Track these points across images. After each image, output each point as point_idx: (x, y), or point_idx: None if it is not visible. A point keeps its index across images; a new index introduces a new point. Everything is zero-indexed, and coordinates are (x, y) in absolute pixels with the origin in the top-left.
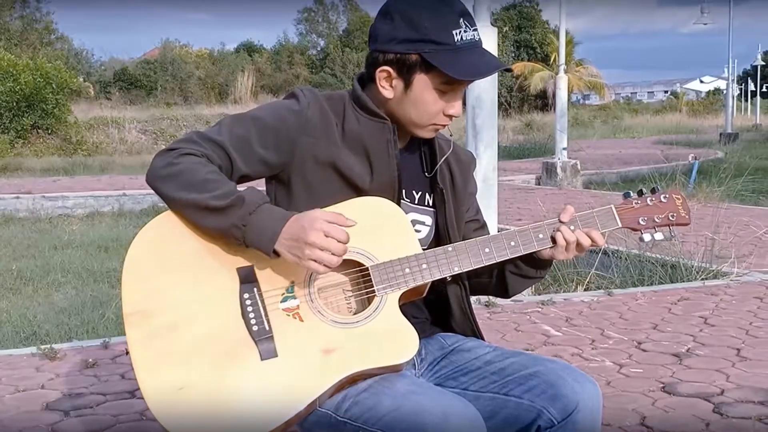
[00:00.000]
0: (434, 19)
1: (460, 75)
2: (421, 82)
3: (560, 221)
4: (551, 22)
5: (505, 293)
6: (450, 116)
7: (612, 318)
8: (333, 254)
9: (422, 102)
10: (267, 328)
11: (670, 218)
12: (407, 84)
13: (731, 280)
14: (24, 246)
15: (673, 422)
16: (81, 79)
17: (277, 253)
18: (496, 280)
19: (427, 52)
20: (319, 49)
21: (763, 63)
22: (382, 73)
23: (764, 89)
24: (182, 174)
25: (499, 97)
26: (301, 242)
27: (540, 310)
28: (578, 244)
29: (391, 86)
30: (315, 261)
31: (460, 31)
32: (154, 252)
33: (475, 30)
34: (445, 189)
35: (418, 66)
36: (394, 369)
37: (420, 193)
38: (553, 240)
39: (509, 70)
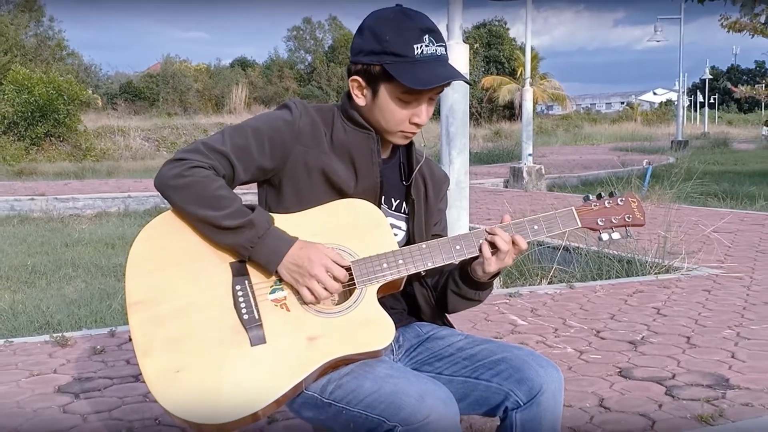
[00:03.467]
0: (396, 34)
1: (413, 84)
2: (385, 91)
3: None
4: (518, 40)
5: (445, 310)
6: (416, 124)
7: (573, 309)
8: (327, 289)
9: (388, 110)
10: (257, 316)
11: (626, 219)
12: (374, 93)
13: (682, 275)
14: (38, 243)
15: (629, 404)
16: (90, 92)
17: (276, 272)
18: (440, 294)
19: (388, 63)
20: (306, 64)
21: (711, 77)
22: (353, 83)
23: (711, 101)
24: (193, 186)
25: (470, 107)
26: (305, 271)
27: (507, 301)
28: (515, 243)
29: (362, 95)
30: (309, 290)
31: (422, 46)
32: (155, 248)
33: (441, 45)
34: (417, 200)
35: (381, 76)
36: (374, 355)
37: (398, 201)
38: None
39: (468, 82)
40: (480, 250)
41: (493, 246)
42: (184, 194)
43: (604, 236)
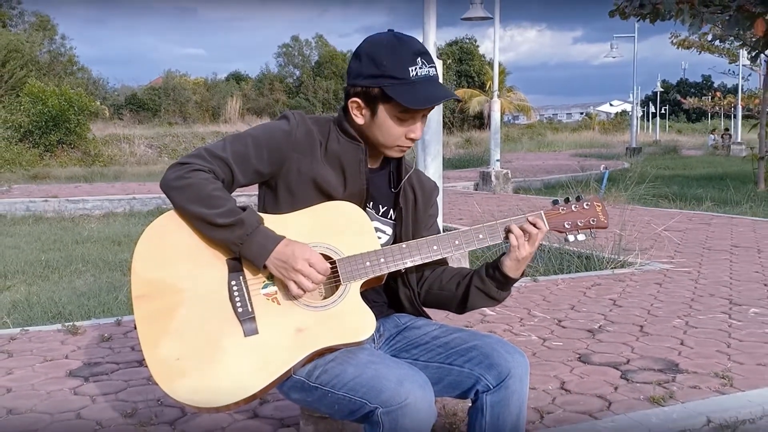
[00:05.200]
0: (393, 58)
1: (412, 105)
2: (384, 111)
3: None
4: (487, 56)
5: (463, 307)
6: (412, 139)
7: (537, 300)
8: (311, 281)
9: (386, 127)
10: (250, 309)
11: (591, 222)
12: (373, 113)
13: (635, 269)
14: (51, 241)
15: (587, 386)
16: (98, 103)
17: (265, 267)
18: (461, 293)
19: (386, 85)
20: (295, 78)
21: (662, 89)
22: (353, 104)
23: (663, 111)
24: (192, 187)
25: (443, 117)
26: (289, 266)
27: None
28: (528, 234)
29: (361, 114)
30: (295, 283)
31: (416, 68)
32: (157, 246)
33: (432, 66)
34: (405, 208)
35: (379, 97)
36: (356, 345)
37: (385, 207)
38: (506, 238)
39: (459, 101)
40: (507, 238)
41: (524, 232)
42: (184, 194)
43: (570, 238)
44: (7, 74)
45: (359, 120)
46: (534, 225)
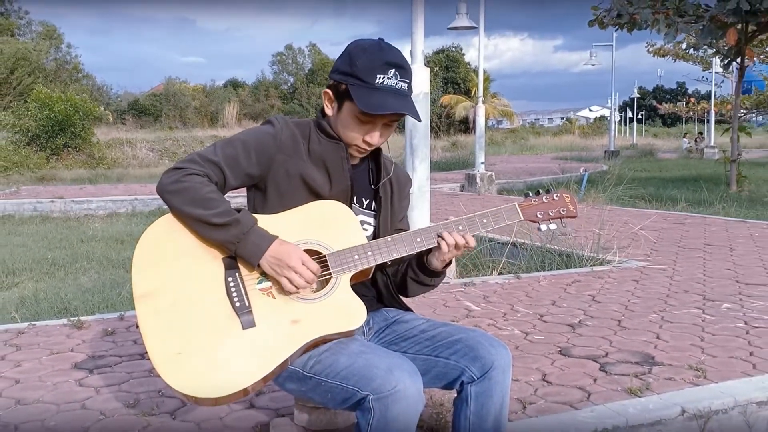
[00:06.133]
0: (366, 61)
1: (364, 107)
2: (347, 108)
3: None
4: (472, 64)
5: (405, 294)
6: (369, 143)
7: (520, 296)
8: (304, 279)
9: (347, 125)
10: (247, 304)
11: (561, 212)
12: (339, 107)
13: (613, 266)
14: (57, 239)
15: (568, 378)
16: (102, 108)
17: (259, 265)
18: (400, 282)
19: (352, 84)
20: (289, 84)
21: (639, 96)
22: (325, 95)
23: (639, 116)
24: (188, 191)
25: (430, 122)
26: (283, 264)
27: (463, 290)
28: (456, 245)
29: (330, 106)
30: (288, 279)
31: (384, 77)
32: (156, 247)
33: (404, 81)
34: (385, 199)
35: (345, 95)
36: (348, 334)
37: (368, 200)
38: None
39: (418, 119)
40: (438, 244)
41: (456, 243)
42: (181, 197)
43: (543, 227)
44: (15, 81)
45: (329, 111)
46: (466, 242)
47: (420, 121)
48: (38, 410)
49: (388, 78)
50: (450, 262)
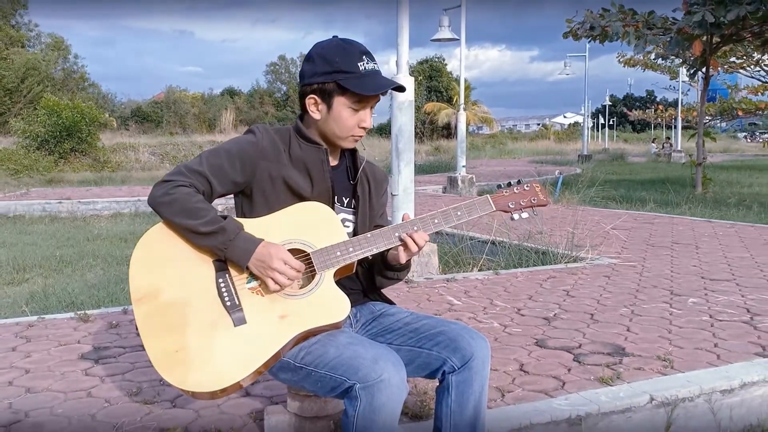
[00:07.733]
0: (342, 56)
1: (365, 91)
2: (339, 103)
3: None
4: (454, 73)
5: (374, 286)
6: (364, 128)
7: (499, 291)
8: (287, 278)
9: (341, 118)
10: (237, 302)
11: (532, 201)
12: (329, 106)
13: (586, 263)
14: (65, 238)
15: (543, 368)
16: (107, 115)
17: (247, 267)
18: (369, 276)
19: (341, 79)
20: (282, 92)
21: (610, 103)
22: (310, 101)
23: (611, 122)
24: (177, 202)
25: (415, 128)
26: (266, 265)
27: (445, 285)
28: (408, 249)
29: (318, 110)
30: (272, 279)
31: (363, 63)
32: (151, 253)
33: (375, 63)
34: (363, 196)
35: (335, 91)
36: (335, 326)
37: (348, 198)
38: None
39: (402, 89)
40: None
41: (404, 246)
42: (171, 208)
43: (515, 216)
44: (25, 89)
45: (316, 115)
46: (416, 244)
47: (404, 90)
48: (47, 398)
49: (366, 63)
50: (409, 261)
